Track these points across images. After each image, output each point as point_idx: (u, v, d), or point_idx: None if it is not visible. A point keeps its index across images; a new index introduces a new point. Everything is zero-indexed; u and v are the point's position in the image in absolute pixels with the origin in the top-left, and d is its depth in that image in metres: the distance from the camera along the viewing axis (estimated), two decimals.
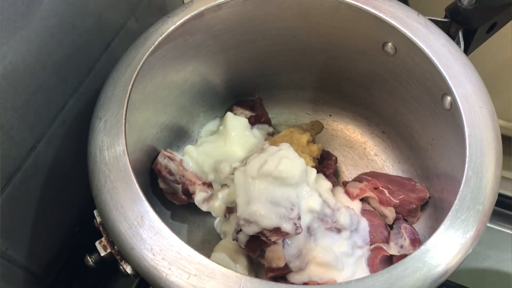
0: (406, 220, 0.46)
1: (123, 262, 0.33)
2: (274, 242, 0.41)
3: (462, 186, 0.33)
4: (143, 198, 0.33)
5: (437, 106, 0.41)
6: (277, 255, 0.41)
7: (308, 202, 0.42)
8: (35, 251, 0.42)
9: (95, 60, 0.43)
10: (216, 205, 0.46)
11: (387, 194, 0.46)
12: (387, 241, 0.44)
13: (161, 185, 0.46)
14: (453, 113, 0.38)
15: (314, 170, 0.45)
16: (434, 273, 0.30)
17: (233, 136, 0.49)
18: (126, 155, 0.34)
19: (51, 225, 0.43)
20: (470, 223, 0.32)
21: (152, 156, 0.46)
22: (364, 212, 0.46)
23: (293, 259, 0.42)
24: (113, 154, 0.34)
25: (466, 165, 0.34)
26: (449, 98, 0.38)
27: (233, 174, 0.44)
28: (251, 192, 0.41)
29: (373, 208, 0.47)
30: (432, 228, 0.43)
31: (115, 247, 0.33)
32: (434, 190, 0.45)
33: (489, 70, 0.62)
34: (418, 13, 0.41)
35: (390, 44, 0.43)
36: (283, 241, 0.41)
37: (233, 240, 0.43)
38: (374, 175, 0.48)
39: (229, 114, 0.51)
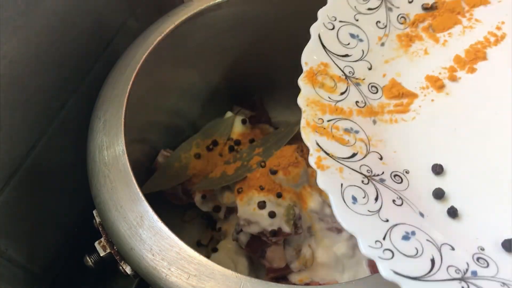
0: None
1: (122, 263, 0.33)
2: (275, 243, 0.41)
3: None
4: (143, 198, 0.32)
5: None
6: (277, 255, 0.41)
7: (309, 202, 0.42)
8: (35, 251, 0.42)
9: (95, 59, 0.43)
10: (216, 202, 0.46)
11: None
12: None
13: None
14: None
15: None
16: None
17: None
18: (126, 155, 0.34)
19: (51, 225, 0.43)
20: None
21: (151, 156, 0.46)
22: None
23: (293, 259, 0.42)
24: (113, 154, 0.34)
25: None
26: None
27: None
28: (252, 192, 0.41)
29: None
30: None
31: (115, 247, 0.33)
32: None
33: None
34: None
35: None
36: (283, 241, 0.41)
37: (234, 240, 0.43)
38: None
39: (229, 114, 0.51)
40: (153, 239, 0.31)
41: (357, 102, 0.30)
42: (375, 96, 0.31)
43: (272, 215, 0.40)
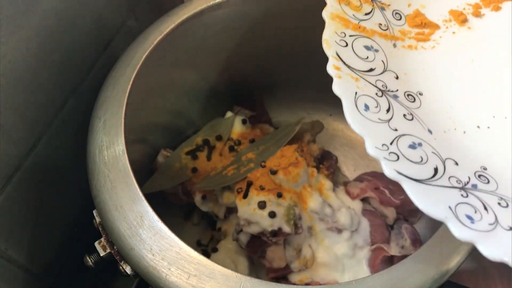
0: (407, 220, 0.46)
1: (122, 263, 0.33)
2: (275, 243, 0.41)
3: None
4: (143, 198, 0.32)
5: None
6: (278, 255, 0.41)
7: (309, 202, 0.42)
8: (35, 251, 0.42)
9: (95, 59, 0.43)
10: (216, 205, 0.46)
11: (388, 195, 0.46)
12: (387, 241, 0.44)
13: None
14: None
15: (315, 170, 0.45)
16: (435, 274, 0.30)
17: None
18: (126, 154, 0.34)
19: (51, 225, 0.43)
20: None
21: (151, 155, 0.46)
22: (364, 212, 0.45)
23: (294, 259, 0.42)
24: (113, 154, 0.34)
25: None
26: None
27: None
28: (252, 192, 0.41)
29: (374, 208, 0.47)
30: (433, 228, 0.43)
31: (115, 247, 0.33)
32: None
33: None
34: None
35: None
36: (284, 241, 0.41)
37: (234, 240, 0.43)
38: (375, 175, 0.48)
39: (229, 114, 0.51)
40: (153, 239, 0.31)
41: (380, 24, 0.32)
42: (398, 22, 0.33)
43: (272, 215, 0.40)
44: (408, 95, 0.29)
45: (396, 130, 0.26)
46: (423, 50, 0.32)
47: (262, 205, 0.40)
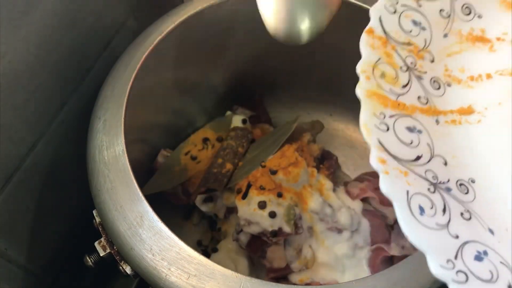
0: None
1: (122, 263, 0.33)
2: (275, 243, 0.41)
3: None
4: (143, 198, 0.32)
5: None
6: (278, 255, 0.41)
7: (309, 202, 0.42)
8: (35, 251, 0.42)
9: (95, 59, 0.43)
10: (216, 205, 0.46)
11: None
12: (388, 241, 0.44)
13: None
14: None
15: (315, 170, 0.45)
16: None
17: None
18: (126, 154, 0.34)
19: (51, 225, 0.43)
20: None
21: (151, 155, 0.46)
22: (365, 212, 0.45)
23: (294, 259, 0.42)
24: (112, 154, 0.34)
25: None
26: None
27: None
28: (252, 192, 0.41)
29: (374, 208, 0.47)
30: None
31: (115, 247, 0.33)
32: None
33: None
34: None
35: None
36: (284, 241, 0.41)
37: (234, 240, 0.43)
38: (375, 175, 0.48)
39: (229, 114, 0.51)
40: (153, 239, 0.31)
41: (419, 97, 0.27)
42: (438, 92, 0.28)
43: (272, 215, 0.40)
44: (460, 184, 0.24)
45: (457, 237, 0.22)
46: (468, 125, 0.27)
47: (262, 205, 0.40)
